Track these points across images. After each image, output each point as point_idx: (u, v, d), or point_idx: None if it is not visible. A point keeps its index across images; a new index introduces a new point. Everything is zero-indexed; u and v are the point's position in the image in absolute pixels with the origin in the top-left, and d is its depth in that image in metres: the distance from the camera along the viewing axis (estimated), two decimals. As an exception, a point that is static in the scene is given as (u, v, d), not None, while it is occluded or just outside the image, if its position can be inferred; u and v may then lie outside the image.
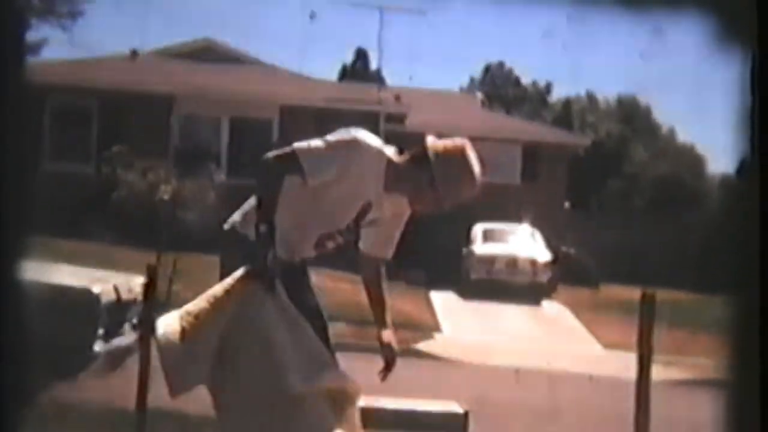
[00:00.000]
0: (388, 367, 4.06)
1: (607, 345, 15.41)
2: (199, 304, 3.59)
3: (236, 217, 3.96)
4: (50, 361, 4.63)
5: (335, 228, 3.96)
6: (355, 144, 3.80)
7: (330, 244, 3.99)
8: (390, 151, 3.92)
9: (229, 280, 3.64)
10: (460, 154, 3.80)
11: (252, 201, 3.87)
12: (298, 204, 3.78)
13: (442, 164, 3.77)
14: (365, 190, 3.85)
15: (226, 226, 3.95)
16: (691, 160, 40.71)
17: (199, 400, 4.26)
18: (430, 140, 3.87)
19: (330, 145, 3.77)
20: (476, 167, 3.80)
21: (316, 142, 3.79)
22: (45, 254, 4.70)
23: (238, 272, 3.63)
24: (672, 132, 47.27)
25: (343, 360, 4.17)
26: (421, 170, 3.78)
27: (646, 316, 4.87)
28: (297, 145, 3.79)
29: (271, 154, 3.82)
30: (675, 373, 12.64)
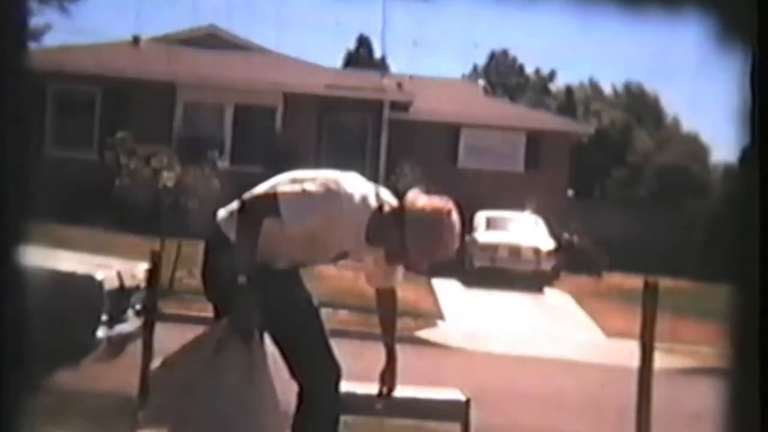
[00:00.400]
0: (382, 396, 4.06)
1: (610, 333, 15.41)
2: (178, 356, 3.65)
3: (223, 213, 3.89)
4: (53, 347, 4.63)
5: (310, 263, 3.97)
6: (338, 196, 3.66)
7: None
8: (374, 201, 3.76)
9: (208, 330, 3.68)
10: (437, 216, 3.64)
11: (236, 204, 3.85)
12: (277, 235, 3.68)
13: (417, 226, 3.62)
14: (343, 240, 3.77)
15: (219, 214, 3.92)
16: (696, 149, 40.66)
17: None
18: (411, 196, 3.72)
19: (312, 194, 3.63)
20: (454, 231, 3.66)
21: (298, 189, 3.65)
22: (47, 241, 4.70)
23: (220, 323, 3.65)
24: (676, 121, 47.21)
25: (346, 347, 4.17)
26: (395, 228, 3.65)
27: (649, 304, 4.86)
28: (280, 188, 3.67)
29: (252, 194, 3.75)
30: (678, 361, 12.65)
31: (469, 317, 16.09)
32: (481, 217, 21.08)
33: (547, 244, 20.91)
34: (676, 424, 7.49)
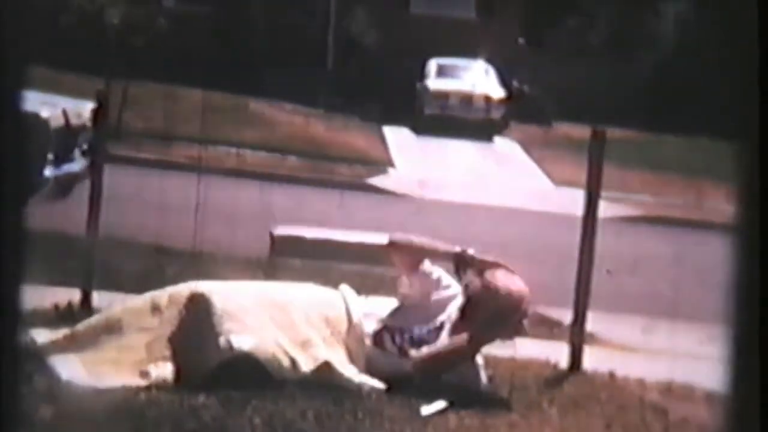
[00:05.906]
0: None
1: (558, 181, 15.62)
2: None
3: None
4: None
5: None
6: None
7: None
8: None
9: None
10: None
11: None
12: None
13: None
14: None
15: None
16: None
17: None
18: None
19: None
20: None
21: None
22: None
23: None
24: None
25: (295, 193, 4.17)
26: None
27: (596, 153, 4.90)
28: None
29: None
30: (622, 210, 12.87)
31: (419, 165, 16.18)
32: (432, 65, 20.91)
33: (498, 92, 20.91)
34: (617, 270, 7.69)
